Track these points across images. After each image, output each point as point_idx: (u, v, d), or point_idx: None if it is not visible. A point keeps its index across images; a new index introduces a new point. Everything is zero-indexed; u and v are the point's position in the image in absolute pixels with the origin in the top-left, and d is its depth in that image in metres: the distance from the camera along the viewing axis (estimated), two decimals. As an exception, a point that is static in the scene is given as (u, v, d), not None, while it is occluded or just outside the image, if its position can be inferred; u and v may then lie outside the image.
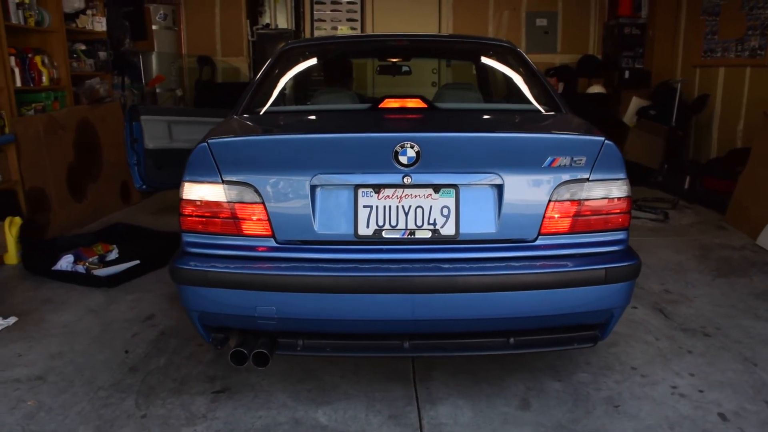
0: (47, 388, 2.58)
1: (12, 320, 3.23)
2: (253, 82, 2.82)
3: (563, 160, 2.03)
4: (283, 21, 8.18)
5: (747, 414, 2.35)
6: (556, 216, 2.09)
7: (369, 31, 8.01)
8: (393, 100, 2.51)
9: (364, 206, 2.05)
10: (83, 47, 5.59)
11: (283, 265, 2.06)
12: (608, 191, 2.11)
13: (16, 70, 4.39)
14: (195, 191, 2.13)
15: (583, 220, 2.11)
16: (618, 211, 2.14)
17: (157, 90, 7.03)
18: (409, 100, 2.53)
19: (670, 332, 3.07)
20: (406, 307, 2.03)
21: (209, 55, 7.77)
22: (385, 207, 2.05)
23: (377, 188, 2.05)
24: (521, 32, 7.84)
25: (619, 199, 2.13)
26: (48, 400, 2.49)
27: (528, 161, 2.05)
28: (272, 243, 2.10)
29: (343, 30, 7.98)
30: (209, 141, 2.08)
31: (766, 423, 2.30)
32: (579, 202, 2.09)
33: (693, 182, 5.91)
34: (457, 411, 2.38)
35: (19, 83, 4.43)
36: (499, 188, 2.05)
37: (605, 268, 2.07)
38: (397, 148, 1.97)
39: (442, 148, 2.04)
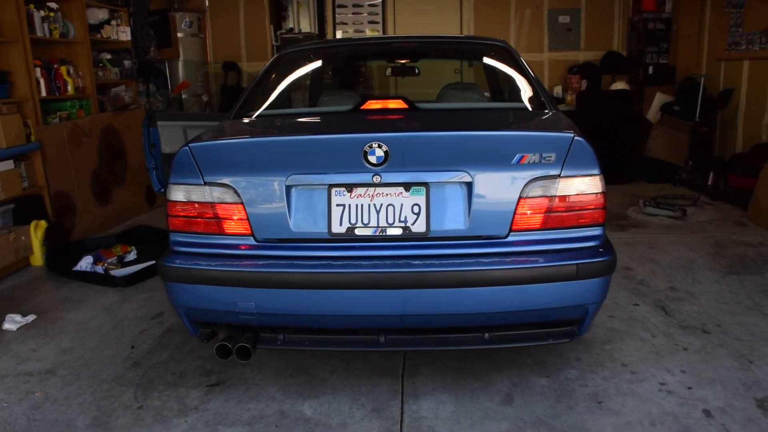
0: (55, 380, 2.73)
1: (31, 318, 3.41)
2: (248, 87, 2.92)
3: (532, 157, 2.06)
4: (306, 25, 8.32)
5: (733, 411, 2.32)
6: (528, 212, 2.11)
7: (391, 33, 8.08)
8: (376, 101, 2.57)
9: (338, 205, 2.12)
10: (109, 56, 5.82)
11: (260, 263, 2.15)
12: (581, 187, 2.12)
13: (41, 81, 4.62)
14: (179, 193, 2.23)
15: (555, 217, 2.13)
16: (592, 207, 2.15)
17: (183, 96, 7.25)
18: (391, 101, 2.58)
19: (668, 329, 3.04)
20: (378, 303, 2.09)
21: (234, 61, 7.96)
22: (357, 205, 2.11)
23: (349, 187, 2.12)
24: (543, 30, 7.78)
25: (592, 194, 2.14)
26: (54, 391, 2.64)
27: (496, 159, 2.08)
28: (252, 241, 2.19)
29: (357, 33, 8.06)
30: (191, 145, 2.19)
31: (752, 420, 2.27)
32: (550, 198, 2.11)
33: (717, 179, 5.77)
34: (439, 405, 2.42)
35: (44, 93, 4.65)
36: (469, 186, 2.09)
37: (576, 264, 2.08)
38: (366, 148, 2.03)
39: (411, 147, 2.09)
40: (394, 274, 2.05)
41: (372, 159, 2.04)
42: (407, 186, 2.10)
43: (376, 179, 2.08)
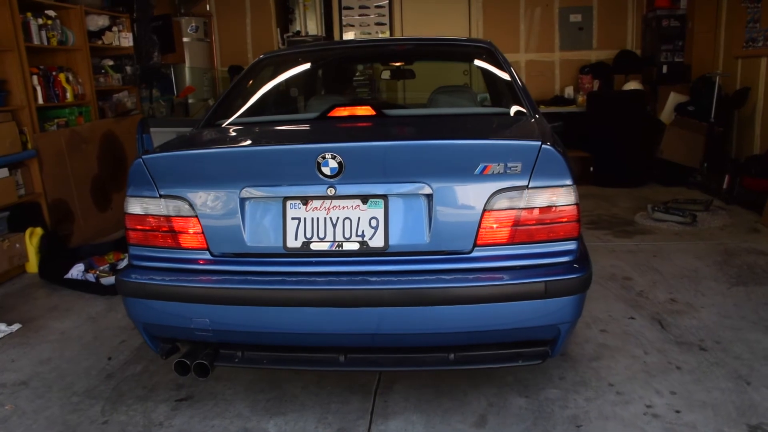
0: (27, 393, 2.70)
1: (15, 327, 3.40)
2: (221, 94, 2.85)
3: (496, 167, 1.94)
4: (313, 27, 8.26)
5: (720, 438, 2.18)
6: (494, 226, 2.00)
7: (398, 34, 7.98)
8: (343, 108, 2.47)
9: (293, 218, 2.03)
10: (111, 62, 5.84)
11: (214, 278, 2.07)
12: (551, 199, 2.00)
13: (38, 89, 4.63)
14: (136, 206, 2.17)
15: (523, 230, 2.01)
16: (564, 219, 2.03)
17: (190, 100, 7.25)
18: (358, 108, 2.48)
19: (662, 346, 2.88)
20: (333, 321, 1.99)
21: (241, 65, 7.92)
22: (313, 219, 2.02)
23: (305, 200, 2.03)
24: (554, 29, 7.60)
25: (564, 206, 2.01)
26: (24, 404, 2.60)
27: (457, 169, 1.96)
28: (208, 256, 2.12)
29: (364, 35, 7.98)
30: (144, 157, 2.12)
31: (740, 449, 2.12)
32: (518, 211, 1.99)
33: (732, 181, 5.55)
34: (408, 426, 2.32)
35: (41, 101, 4.66)
36: (429, 198, 1.98)
37: (545, 281, 1.95)
38: (319, 159, 1.94)
39: (366, 157, 1.98)
40: (350, 292, 1.95)
41: (326, 170, 1.95)
42: (364, 198, 2.00)
43: (330, 191, 1.98)
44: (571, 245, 2.05)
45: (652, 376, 2.61)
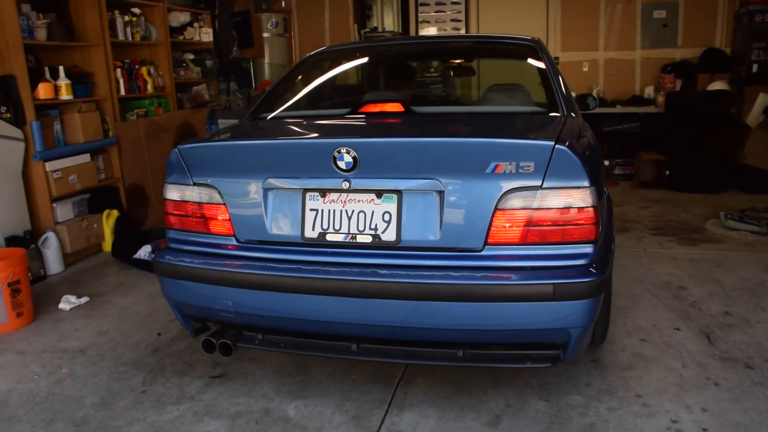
0: (83, 359, 2.96)
1: (84, 300, 3.71)
2: (268, 88, 2.98)
3: (507, 167, 1.93)
4: (390, 23, 8.34)
5: (744, 461, 2.06)
6: (506, 225, 1.99)
7: (474, 31, 7.91)
8: (374, 105, 2.52)
9: (311, 209, 2.11)
10: (192, 56, 6.17)
11: (237, 263, 2.19)
12: (566, 200, 1.96)
13: (121, 81, 4.98)
14: (173, 192, 2.33)
15: (536, 231, 1.98)
16: (580, 222, 1.98)
17: (266, 94, 7.52)
18: (388, 104, 2.52)
19: (704, 360, 2.74)
20: (344, 310, 2.06)
21: (318, 60, 8.14)
22: (330, 211, 2.09)
23: (323, 192, 2.10)
24: (636, 26, 7.26)
25: (580, 209, 1.97)
26: (79, 369, 2.85)
27: (469, 167, 1.97)
28: (234, 242, 2.24)
29: (440, 31, 7.96)
30: (179, 147, 2.27)
31: (764, 474, 2.00)
32: (531, 211, 1.97)
33: (822, 191, 5.13)
34: (421, 419, 2.35)
35: (123, 92, 5.02)
36: (440, 195, 2.00)
37: (554, 283, 1.92)
38: (335, 153, 2.00)
39: (380, 153, 2.03)
40: (360, 283, 2.01)
41: (341, 164, 2.01)
42: (379, 193, 2.05)
43: (345, 185, 2.04)
44: (587, 248, 2.00)
45: (685, 391, 2.49)
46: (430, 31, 8.10)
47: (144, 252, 4.34)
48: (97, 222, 4.60)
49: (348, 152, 1.99)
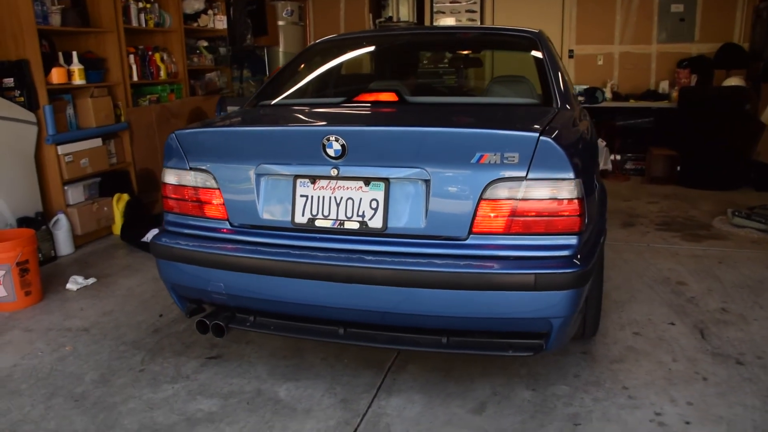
0: (86, 338, 3.04)
1: (91, 281, 3.80)
2: (270, 76, 3.02)
3: (492, 157, 1.95)
4: (405, 14, 8.33)
5: (723, 455, 2.08)
6: (490, 215, 2.01)
7: (488, 22, 7.88)
8: (369, 94, 2.56)
9: (301, 195, 2.16)
10: (206, 44, 6.24)
11: (229, 246, 2.24)
12: (551, 192, 1.98)
13: (134, 67, 5.06)
14: (170, 176, 2.39)
15: (521, 221, 2.01)
16: (564, 213, 2.00)
17: (280, 82, 7.57)
18: (383, 94, 2.56)
19: (695, 355, 2.75)
20: (330, 295, 2.10)
21: (332, 49, 8.16)
22: (319, 197, 2.14)
23: (312, 179, 2.14)
24: (653, 20, 7.17)
25: (564, 200, 1.99)
26: (81, 347, 2.94)
27: (454, 157, 1.99)
28: (228, 226, 2.29)
29: (457, 22, 7.94)
30: (176, 132, 2.33)
31: (741, 468, 2.02)
32: (515, 201, 1.99)
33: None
34: (407, 405, 2.40)
35: (136, 78, 5.10)
36: (426, 183, 2.03)
37: (535, 273, 1.95)
38: (324, 140, 2.04)
39: (368, 141, 2.06)
40: (345, 268, 2.05)
41: (330, 152, 2.05)
42: (367, 180, 2.08)
43: (334, 172, 2.08)
44: (571, 240, 2.02)
45: (673, 384, 2.51)
46: (446, 21, 8.08)
47: (152, 235, 4.39)
48: (107, 205, 4.70)
49: (337, 140, 2.03)
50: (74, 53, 4.42)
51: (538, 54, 2.79)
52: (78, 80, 4.44)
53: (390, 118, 2.38)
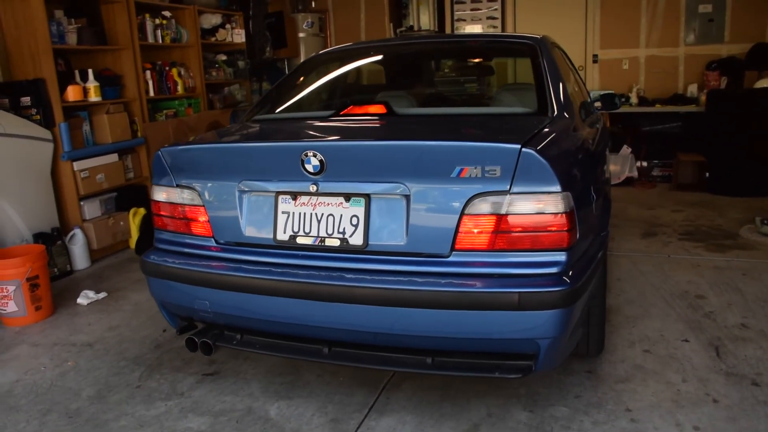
0: (89, 353, 3.07)
1: (102, 295, 3.85)
2: (268, 90, 3.01)
3: (473, 171, 1.88)
4: (426, 22, 8.28)
5: (727, 484, 1.95)
6: (474, 231, 1.94)
7: (510, 29, 7.77)
8: (357, 107, 2.51)
9: (283, 212, 2.12)
10: (224, 57, 6.31)
11: (214, 264, 2.22)
12: (536, 206, 1.90)
13: (150, 82, 5.14)
14: (159, 193, 2.39)
15: (505, 237, 1.93)
16: (551, 228, 1.92)
17: (301, 94, 7.61)
18: (371, 106, 2.51)
19: (707, 375, 2.61)
20: (311, 313, 2.06)
21: (352, 60, 8.16)
22: (300, 214, 2.10)
23: (294, 195, 2.11)
24: (680, 21, 6.95)
25: (550, 215, 1.90)
26: (83, 363, 2.97)
27: (434, 171, 1.93)
28: (213, 243, 2.28)
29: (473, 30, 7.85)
30: (162, 150, 2.32)
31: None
32: (499, 217, 1.92)
33: None
34: (398, 425, 2.33)
35: (152, 93, 5.17)
36: (407, 199, 1.98)
37: (518, 292, 1.87)
38: (303, 156, 2.00)
39: (346, 156, 2.02)
40: (325, 287, 2.01)
41: (309, 168, 2.01)
42: (347, 196, 2.04)
43: (313, 188, 2.04)
44: (559, 256, 1.93)
45: (680, 407, 2.38)
46: (467, 29, 8.00)
47: (165, 249, 4.45)
48: (123, 220, 4.76)
49: (315, 155, 1.99)
50: (90, 71, 4.51)
51: (537, 61, 2.70)
52: (94, 97, 4.53)
53: (370, 132, 2.33)
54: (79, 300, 3.77)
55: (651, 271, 3.87)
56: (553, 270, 1.94)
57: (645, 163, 6.79)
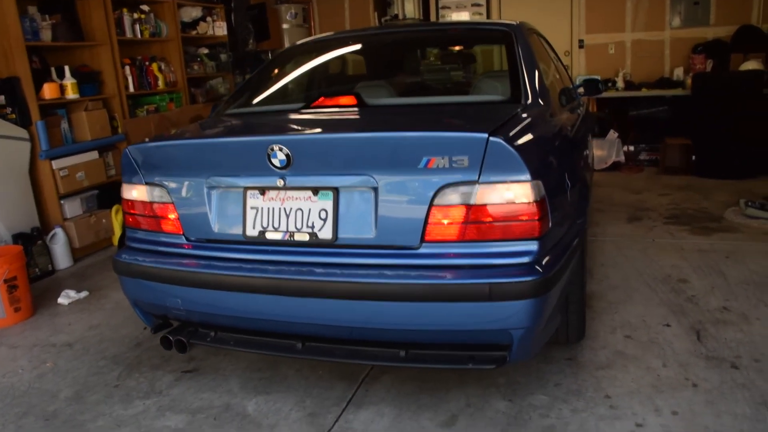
0: (69, 353, 3.04)
1: (83, 295, 3.81)
2: (239, 84, 2.97)
3: (440, 161, 1.85)
4: (411, 10, 8.22)
5: (705, 469, 1.94)
6: (443, 222, 1.91)
7: (495, 16, 7.71)
8: (327, 99, 2.47)
9: (252, 207, 2.09)
10: (206, 51, 6.24)
11: (184, 261, 2.20)
12: (506, 195, 1.87)
13: (130, 78, 5.08)
14: (129, 191, 2.35)
15: (475, 228, 1.90)
16: (522, 217, 1.89)
17: (286, 86, 7.55)
18: (342, 98, 2.47)
19: (687, 359, 2.60)
20: (281, 309, 2.03)
21: (338, 50, 8.09)
22: (269, 209, 2.07)
23: (262, 190, 2.08)
24: (665, 4, 6.91)
25: (521, 204, 1.88)
26: (63, 363, 2.94)
27: (401, 162, 1.90)
28: (183, 240, 2.25)
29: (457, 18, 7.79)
30: (129, 147, 2.29)
31: (723, 484, 1.88)
32: (468, 207, 1.89)
33: None
34: (376, 417, 2.32)
35: (132, 89, 5.11)
36: (375, 191, 1.95)
37: (489, 282, 1.84)
38: (269, 150, 1.97)
39: (312, 149, 1.99)
40: (295, 282, 1.98)
41: (275, 162, 1.98)
42: (315, 190, 2.01)
43: (280, 183, 2.01)
44: (530, 245, 1.91)
45: (659, 392, 2.37)
46: (452, 16, 7.95)
47: (148, 246, 4.42)
48: (106, 217, 4.72)
49: (281, 149, 1.95)
50: (66, 67, 4.45)
51: (512, 48, 2.66)
52: (71, 94, 4.47)
53: (337, 125, 2.30)
54: (60, 300, 3.73)
55: (635, 256, 3.86)
56: (525, 260, 1.91)
57: (632, 148, 6.77)
